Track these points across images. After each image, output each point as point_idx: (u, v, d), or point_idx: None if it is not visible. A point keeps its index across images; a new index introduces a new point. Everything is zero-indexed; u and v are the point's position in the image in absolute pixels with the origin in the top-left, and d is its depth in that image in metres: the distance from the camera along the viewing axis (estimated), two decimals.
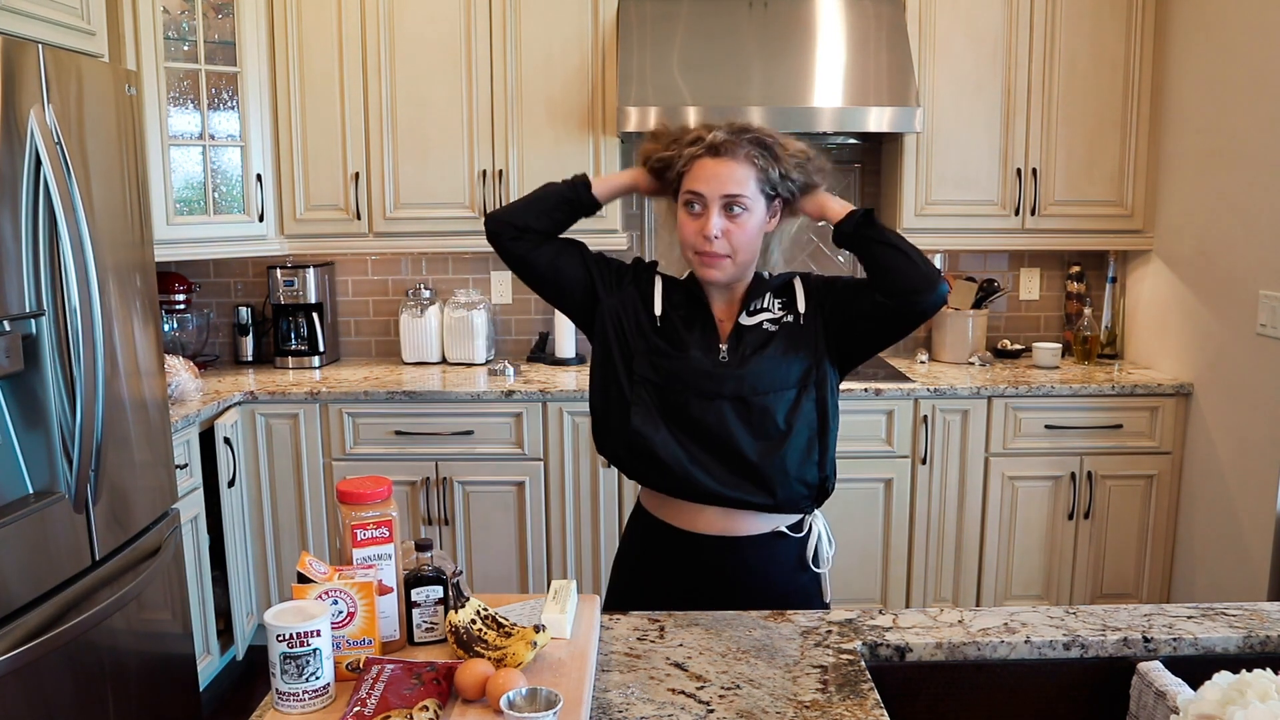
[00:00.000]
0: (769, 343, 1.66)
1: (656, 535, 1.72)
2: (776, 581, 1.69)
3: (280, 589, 3.29)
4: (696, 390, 1.64)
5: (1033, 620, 1.46)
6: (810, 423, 1.66)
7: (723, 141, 1.60)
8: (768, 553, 1.68)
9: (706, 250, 1.61)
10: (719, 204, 1.60)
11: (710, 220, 1.60)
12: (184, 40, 3.18)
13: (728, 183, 1.59)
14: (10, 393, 2.01)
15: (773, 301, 1.71)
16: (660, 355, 1.67)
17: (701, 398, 1.64)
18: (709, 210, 1.60)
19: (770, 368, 1.64)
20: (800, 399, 1.66)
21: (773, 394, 1.64)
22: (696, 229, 1.61)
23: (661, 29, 3.28)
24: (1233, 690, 1.00)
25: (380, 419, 3.22)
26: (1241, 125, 2.94)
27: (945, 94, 3.36)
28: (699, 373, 1.64)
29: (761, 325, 1.68)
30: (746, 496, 1.64)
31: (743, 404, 1.63)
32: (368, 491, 1.30)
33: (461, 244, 3.50)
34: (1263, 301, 2.83)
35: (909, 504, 3.25)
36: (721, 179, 1.59)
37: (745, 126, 1.64)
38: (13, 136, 1.95)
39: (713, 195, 1.60)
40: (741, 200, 1.60)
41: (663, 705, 1.23)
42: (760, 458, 1.63)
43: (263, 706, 1.20)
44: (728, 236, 1.61)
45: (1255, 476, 2.88)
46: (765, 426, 1.63)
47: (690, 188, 1.62)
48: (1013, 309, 3.82)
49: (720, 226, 1.60)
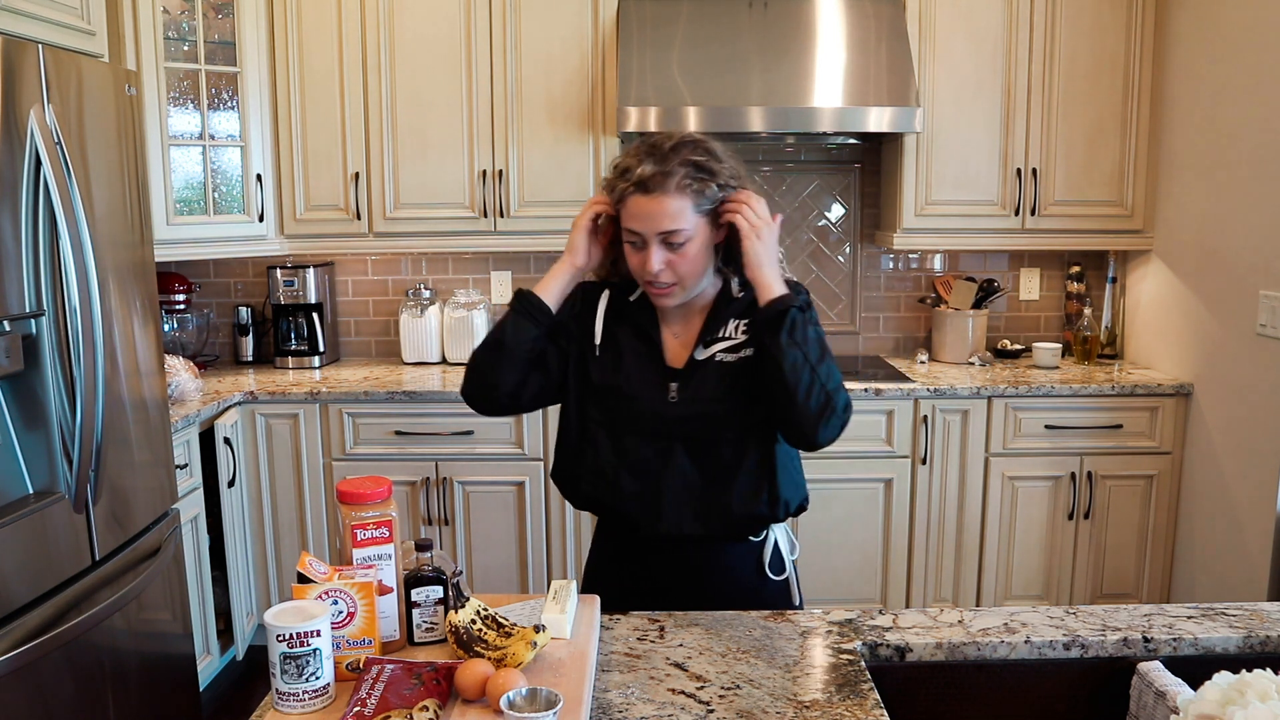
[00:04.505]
0: (721, 380, 1.60)
1: (622, 540, 1.70)
2: (744, 585, 1.67)
3: (280, 589, 3.29)
4: (649, 432, 1.61)
5: (1033, 620, 1.46)
6: (757, 461, 1.62)
7: (651, 175, 1.51)
8: (728, 559, 1.67)
9: (652, 281, 1.57)
10: (657, 240, 1.53)
11: (651, 257, 1.54)
12: (184, 40, 3.18)
13: (661, 219, 1.52)
14: (10, 393, 2.01)
15: (736, 326, 1.63)
16: (610, 396, 1.63)
17: (654, 439, 1.61)
18: (649, 246, 1.54)
19: (721, 411, 1.60)
20: (751, 438, 1.62)
21: (721, 433, 1.61)
22: (639, 263, 1.56)
23: (661, 29, 3.28)
24: (1233, 690, 1.00)
25: (380, 419, 3.22)
26: (1241, 125, 2.94)
27: (945, 94, 3.36)
28: (648, 415, 1.61)
29: (715, 359, 1.62)
30: (699, 532, 1.62)
31: (693, 443, 1.61)
32: (368, 491, 1.30)
33: (461, 244, 3.50)
34: (1263, 301, 2.83)
35: (909, 504, 3.25)
36: (655, 217, 1.52)
37: (677, 145, 1.55)
38: (13, 136, 1.95)
39: (649, 233, 1.53)
40: (680, 233, 1.53)
41: (663, 705, 1.23)
42: (709, 498, 1.61)
43: (263, 706, 1.20)
44: (672, 267, 1.55)
45: (1255, 476, 2.87)
46: (712, 466, 1.61)
47: (626, 225, 1.56)
48: (1013, 309, 3.82)
49: (662, 259, 1.54)
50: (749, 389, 1.61)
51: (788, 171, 3.72)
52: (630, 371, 1.64)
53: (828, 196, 3.74)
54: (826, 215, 3.75)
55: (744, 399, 1.61)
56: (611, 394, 1.64)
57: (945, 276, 3.73)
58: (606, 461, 1.64)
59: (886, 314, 3.83)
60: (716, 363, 1.62)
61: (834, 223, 3.76)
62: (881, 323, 3.83)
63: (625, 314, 1.68)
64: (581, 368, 1.67)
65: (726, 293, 1.66)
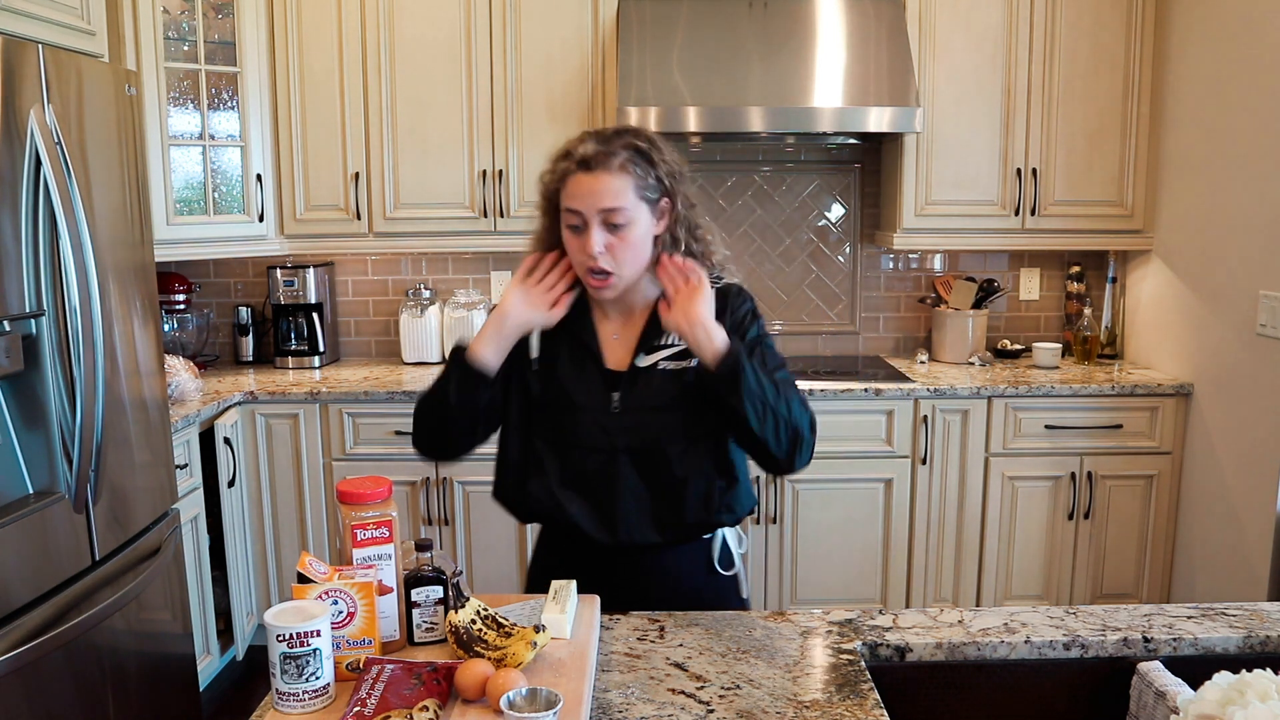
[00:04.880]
0: (665, 390, 1.57)
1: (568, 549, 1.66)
2: (694, 583, 1.66)
3: (280, 589, 3.29)
4: (593, 445, 1.58)
5: (1033, 620, 1.46)
6: (707, 469, 1.60)
7: (594, 154, 1.51)
8: (678, 560, 1.65)
9: (593, 267, 1.53)
10: (598, 219, 1.51)
11: (591, 237, 1.51)
12: (184, 40, 3.18)
13: (603, 196, 1.50)
14: (10, 393, 2.01)
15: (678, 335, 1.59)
16: (551, 407, 1.60)
17: (597, 452, 1.58)
18: (589, 227, 1.51)
19: (667, 421, 1.57)
20: (700, 448, 1.59)
21: (667, 444, 1.57)
22: (579, 247, 1.53)
23: (661, 29, 3.28)
24: (1233, 690, 1.00)
25: (380, 419, 3.22)
26: (1241, 125, 2.94)
27: (945, 94, 3.36)
28: (591, 426, 1.58)
29: (657, 366, 1.59)
30: (649, 540, 1.60)
31: (638, 454, 1.57)
32: (368, 491, 1.30)
33: (461, 244, 3.50)
34: (1263, 301, 2.83)
35: (909, 504, 3.25)
36: (596, 194, 1.50)
37: (620, 130, 1.56)
38: (13, 136, 1.95)
39: (590, 211, 1.50)
40: (621, 213, 1.51)
41: (663, 705, 1.23)
42: (660, 510, 1.59)
43: (263, 706, 1.20)
44: (611, 252, 1.52)
45: (1255, 476, 2.87)
46: (660, 477, 1.58)
47: (567, 205, 1.53)
48: (1013, 309, 3.82)
49: (603, 241, 1.51)
50: (694, 400, 1.57)
51: (788, 171, 3.72)
52: (569, 379, 1.60)
53: (828, 196, 3.74)
54: (826, 215, 3.75)
55: (690, 410, 1.58)
56: (552, 405, 1.60)
57: (945, 276, 3.73)
58: (553, 478, 1.60)
59: (886, 314, 3.83)
60: (660, 371, 1.59)
61: (834, 223, 3.76)
62: (881, 323, 3.83)
63: (560, 323, 1.62)
64: (521, 383, 1.63)
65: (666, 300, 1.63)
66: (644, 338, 1.61)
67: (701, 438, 1.60)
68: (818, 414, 1.63)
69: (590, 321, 1.64)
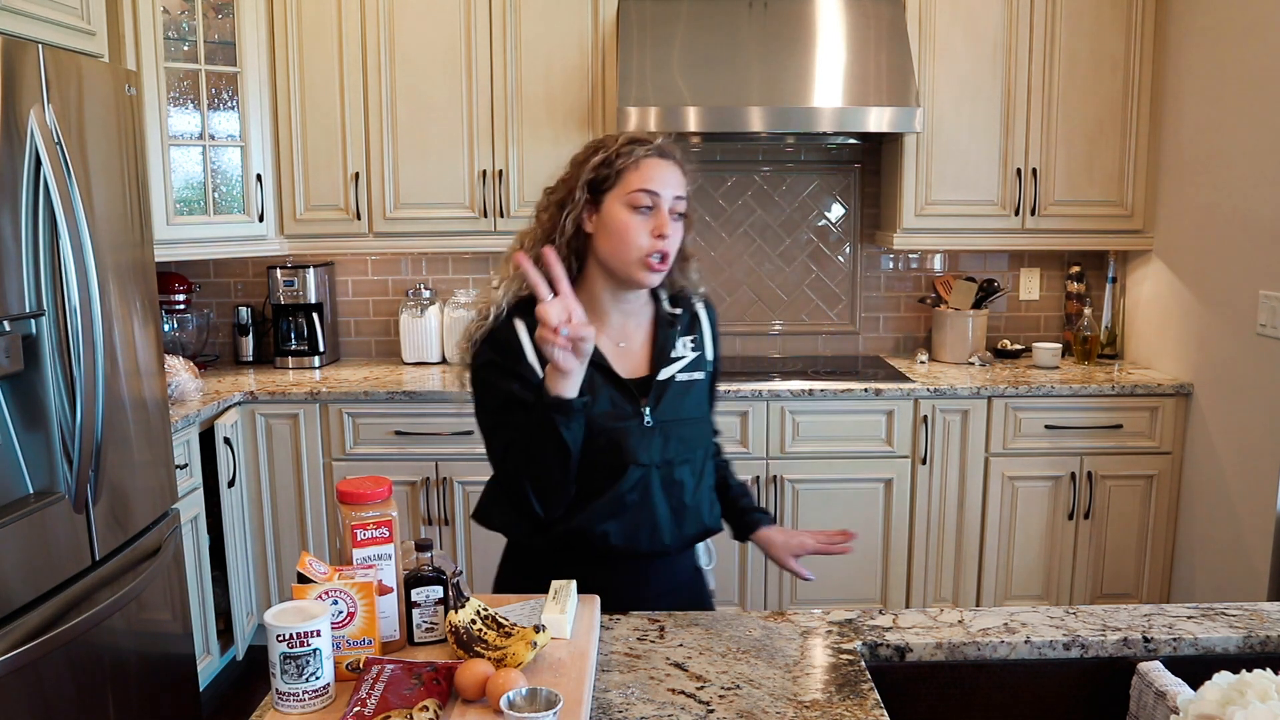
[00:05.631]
0: (685, 400, 1.59)
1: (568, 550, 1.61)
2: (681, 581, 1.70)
3: (280, 589, 3.29)
4: (622, 459, 1.53)
5: (1033, 620, 1.46)
6: (709, 479, 1.66)
7: (669, 147, 1.56)
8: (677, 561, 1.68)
9: (660, 250, 1.51)
10: (669, 205, 1.53)
11: (666, 219, 1.51)
12: (184, 40, 3.18)
13: (679, 184, 1.54)
14: (10, 393, 2.01)
15: (684, 344, 1.63)
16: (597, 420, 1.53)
17: (628, 465, 1.54)
18: (662, 210, 1.52)
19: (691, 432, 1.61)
20: (707, 458, 1.66)
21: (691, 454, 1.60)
22: (648, 228, 1.51)
23: (661, 29, 3.28)
24: (1233, 690, 1.00)
25: (380, 419, 3.22)
26: (1241, 125, 2.94)
27: (945, 94, 3.36)
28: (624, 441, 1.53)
29: (675, 379, 1.60)
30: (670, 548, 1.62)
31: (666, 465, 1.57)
32: (368, 491, 1.30)
33: (461, 244, 3.50)
34: (1263, 301, 2.83)
35: (909, 504, 3.25)
36: (674, 181, 1.54)
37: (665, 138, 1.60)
38: (13, 136, 1.95)
39: (668, 195, 1.52)
40: (684, 205, 1.55)
41: (663, 705, 1.23)
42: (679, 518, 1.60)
43: (263, 706, 1.20)
44: (673, 238, 1.54)
45: (1255, 476, 2.87)
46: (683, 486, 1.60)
47: (644, 186, 1.51)
48: (1013, 309, 3.82)
49: (672, 228, 1.53)
50: (706, 409, 1.66)
51: (788, 171, 3.72)
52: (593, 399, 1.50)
53: (828, 196, 3.74)
54: (826, 215, 3.75)
55: (706, 419, 1.66)
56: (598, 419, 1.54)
57: (945, 276, 3.73)
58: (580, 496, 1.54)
59: (886, 314, 3.83)
60: (677, 383, 1.61)
61: (834, 223, 3.76)
62: (881, 323, 3.83)
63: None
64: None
65: (661, 311, 1.65)
66: (656, 351, 1.62)
67: (710, 448, 1.68)
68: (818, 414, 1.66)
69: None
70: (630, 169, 1.52)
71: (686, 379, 1.61)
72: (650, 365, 1.61)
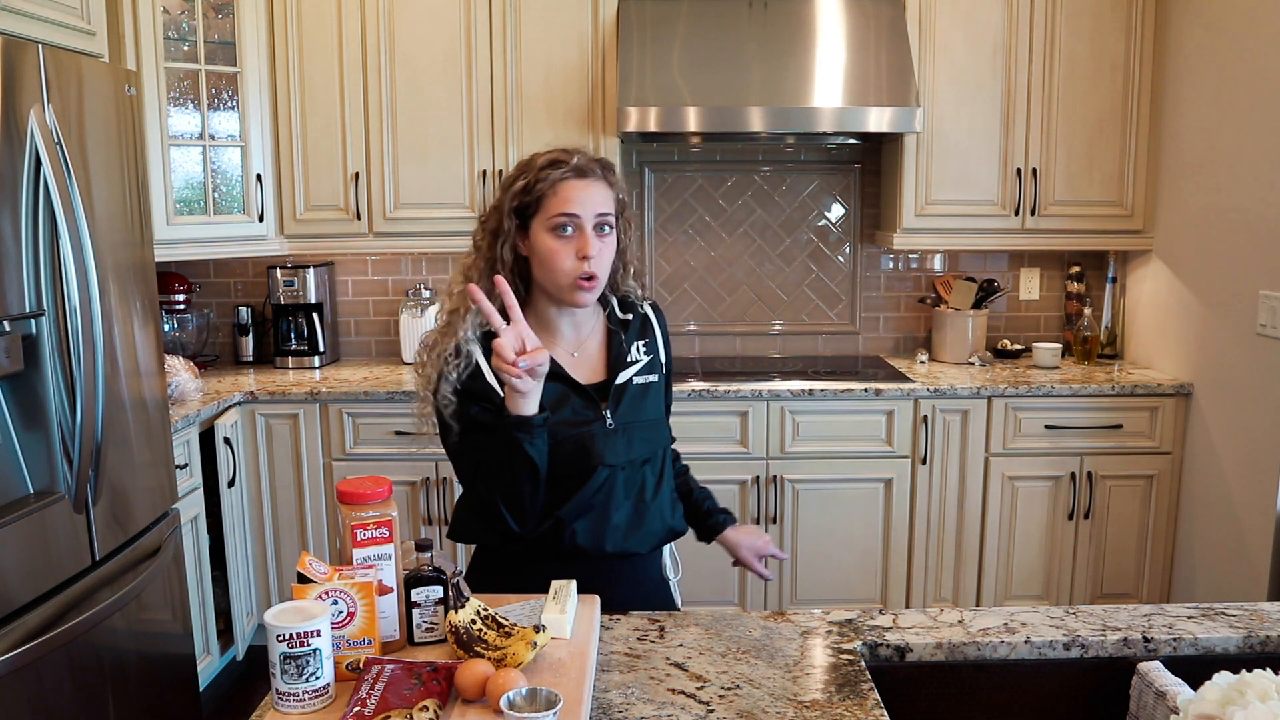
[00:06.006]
0: (643, 402, 1.63)
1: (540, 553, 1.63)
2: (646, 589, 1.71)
3: (280, 589, 3.29)
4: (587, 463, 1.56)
5: (1033, 620, 1.46)
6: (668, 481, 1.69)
7: (586, 164, 1.56)
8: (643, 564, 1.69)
9: (586, 272, 1.53)
10: (592, 223, 1.54)
11: (588, 239, 1.53)
12: (184, 40, 3.18)
13: (599, 202, 1.55)
14: (10, 393, 2.01)
15: (636, 348, 1.66)
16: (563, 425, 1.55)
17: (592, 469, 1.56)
18: (584, 230, 1.53)
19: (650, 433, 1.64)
20: (664, 460, 1.68)
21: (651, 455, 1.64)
22: (573, 251, 1.53)
23: (661, 29, 3.28)
24: (1233, 690, 1.00)
25: (380, 419, 3.22)
26: (1241, 125, 2.94)
27: (945, 94, 3.36)
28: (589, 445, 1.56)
29: (631, 381, 1.64)
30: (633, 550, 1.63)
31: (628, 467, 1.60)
32: (368, 491, 1.30)
33: (461, 244, 3.45)
34: (1263, 301, 2.83)
35: (909, 504, 3.25)
36: (593, 200, 1.54)
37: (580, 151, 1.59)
38: (13, 136, 1.95)
39: (588, 215, 1.54)
40: (609, 220, 1.57)
41: (663, 705, 1.23)
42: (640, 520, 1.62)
43: (263, 706, 1.20)
44: (599, 257, 1.55)
45: (1255, 476, 2.87)
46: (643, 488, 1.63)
47: (563, 210, 1.53)
48: (1013, 309, 3.82)
49: (597, 245, 1.54)
50: (662, 411, 1.69)
51: (788, 171, 3.72)
52: (555, 409, 1.55)
53: (828, 196, 3.74)
54: (826, 215, 3.75)
55: (663, 420, 1.70)
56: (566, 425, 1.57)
57: (945, 276, 3.73)
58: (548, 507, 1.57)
59: (886, 314, 3.83)
60: (634, 385, 1.64)
61: (834, 223, 3.76)
62: (881, 323, 3.83)
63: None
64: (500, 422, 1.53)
65: (614, 316, 1.69)
66: (611, 355, 1.65)
67: (667, 449, 1.71)
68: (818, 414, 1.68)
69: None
70: (549, 194, 1.55)
71: (643, 381, 1.65)
72: (607, 370, 1.65)
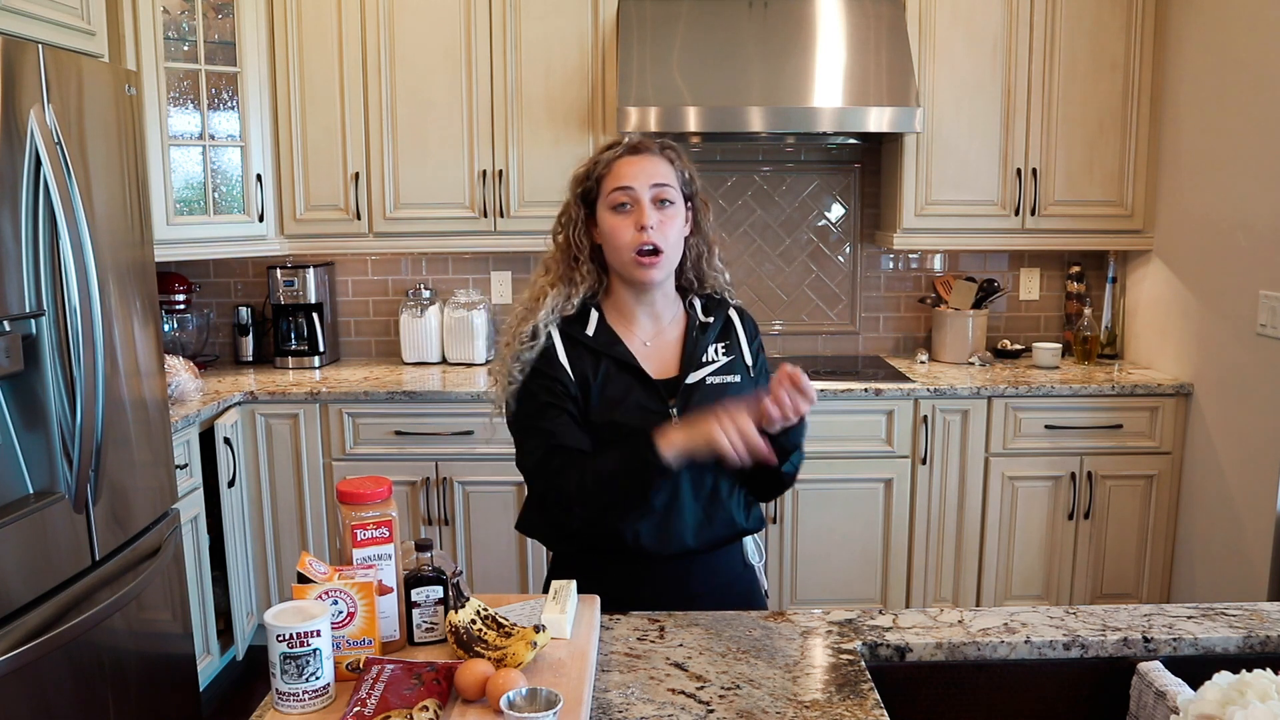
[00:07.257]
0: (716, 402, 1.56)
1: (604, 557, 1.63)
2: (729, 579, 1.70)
3: (280, 589, 3.29)
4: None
5: (1033, 620, 1.46)
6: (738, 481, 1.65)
7: (640, 141, 1.61)
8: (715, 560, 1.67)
9: (646, 243, 1.54)
10: (649, 195, 1.56)
11: (645, 210, 1.55)
12: (184, 40, 3.18)
13: (654, 173, 1.58)
14: (10, 393, 2.01)
15: (715, 349, 1.64)
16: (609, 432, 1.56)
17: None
18: (640, 203, 1.55)
19: None
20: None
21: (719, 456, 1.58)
22: (631, 224, 1.55)
23: (661, 29, 3.28)
24: (1233, 690, 1.00)
25: (380, 419, 3.22)
26: (1241, 125, 2.94)
27: (945, 94, 3.36)
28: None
29: (705, 382, 1.61)
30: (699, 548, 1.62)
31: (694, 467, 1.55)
32: (368, 491, 1.30)
33: (461, 244, 3.50)
34: (1263, 301, 2.83)
35: (909, 504, 3.25)
36: (648, 171, 1.57)
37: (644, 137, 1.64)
38: (13, 136, 1.95)
39: (642, 186, 1.56)
40: (668, 191, 1.57)
41: (663, 705, 1.23)
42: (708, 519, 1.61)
43: (263, 706, 1.20)
44: (660, 229, 1.56)
45: (1255, 476, 2.87)
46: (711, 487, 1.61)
47: (617, 185, 1.57)
48: (1013, 309, 3.82)
49: (655, 217, 1.55)
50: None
51: (788, 171, 3.72)
52: (622, 399, 1.58)
53: (828, 196, 3.74)
54: (826, 215, 3.75)
55: None
56: (609, 428, 1.57)
57: (945, 276, 3.73)
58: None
59: (886, 314, 3.83)
60: (708, 385, 1.62)
61: (834, 223, 3.76)
62: (881, 323, 3.83)
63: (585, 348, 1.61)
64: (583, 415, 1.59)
65: (693, 317, 1.67)
66: (685, 355, 1.63)
67: None
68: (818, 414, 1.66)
69: (615, 335, 1.63)
70: (606, 175, 1.59)
71: (719, 382, 1.62)
72: (680, 367, 1.63)
